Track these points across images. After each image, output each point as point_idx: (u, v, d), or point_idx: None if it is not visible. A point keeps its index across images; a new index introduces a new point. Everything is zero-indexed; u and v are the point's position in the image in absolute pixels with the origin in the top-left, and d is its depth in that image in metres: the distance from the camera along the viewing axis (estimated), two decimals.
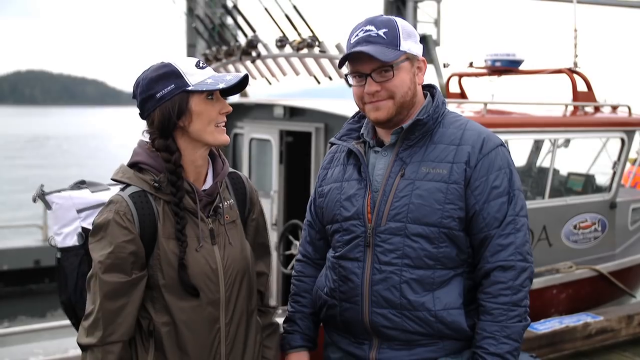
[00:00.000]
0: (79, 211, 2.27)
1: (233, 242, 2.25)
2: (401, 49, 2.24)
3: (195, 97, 2.11)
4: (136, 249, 2.10)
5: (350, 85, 2.38)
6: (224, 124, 2.19)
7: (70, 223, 2.28)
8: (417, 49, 2.30)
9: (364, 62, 2.23)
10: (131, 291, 2.10)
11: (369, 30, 2.26)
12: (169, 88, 2.11)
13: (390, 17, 2.32)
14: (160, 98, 2.12)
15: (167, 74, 2.12)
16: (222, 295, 2.20)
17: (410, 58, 2.28)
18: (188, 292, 2.13)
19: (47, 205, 2.31)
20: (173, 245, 2.13)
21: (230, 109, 2.20)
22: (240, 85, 2.19)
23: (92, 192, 2.31)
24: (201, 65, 2.16)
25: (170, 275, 2.13)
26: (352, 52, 2.24)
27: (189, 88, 2.10)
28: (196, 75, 2.12)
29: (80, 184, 2.35)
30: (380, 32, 2.24)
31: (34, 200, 2.32)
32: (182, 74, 2.11)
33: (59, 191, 2.31)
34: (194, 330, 2.16)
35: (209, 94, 2.13)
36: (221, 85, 2.11)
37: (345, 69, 2.43)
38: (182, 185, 2.14)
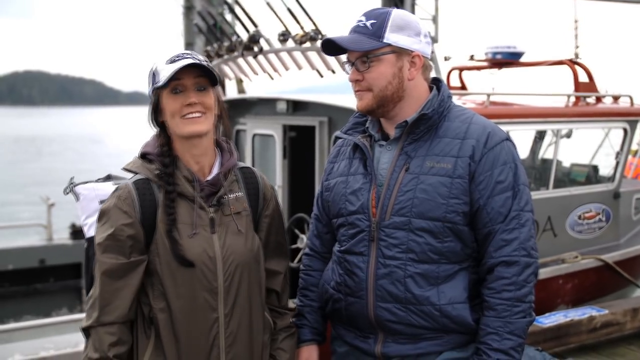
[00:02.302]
0: (102, 202, 2.33)
1: (237, 233, 2.26)
2: (384, 40, 2.23)
3: (163, 92, 2.21)
4: (134, 233, 2.16)
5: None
6: (194, 115, 2.19)
7: (94, 213, 2.35)
8: (409, 43, 2.26)
9: (351, 50, 2.27)
10: (129, 274, 2.15)
11: (359, 21, 2.29)
12: (150, 87, 2.25)
13: (389, 9, 2.30)
14: (150, 95, 2.27)
15: (151, 73, 2.25)
16: (220, 285, 2.21)
17: (398, 51, 2.25)
18: (182, 264, 2.16)
19: (76, 197, 2.41)
20: (165, 221, 2.18)
21: (193, 100, 2.19)
22: (206, 73, 2.20)
23: (114, 184, 2.36)
24: (174, 59, 2.19)
25: (166, 258, 2.17)
26: (324, 40, 2.30)
27: (157, 85, 2.20)
28: (163, 72, 2.18)
29: (107, 178, 2.46)
30: (368, 23, 2.25)
31: (65, 193, 2.43)
32: (156, 73, 2.21)
33: (85, 183, 2.43)
34: (188, 316, 2.18)
35: (174, 88, 2.18)
36: (160, 83, 2.17)
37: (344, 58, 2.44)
38: (166, 162, 2.21)
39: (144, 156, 2.28)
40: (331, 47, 2.30)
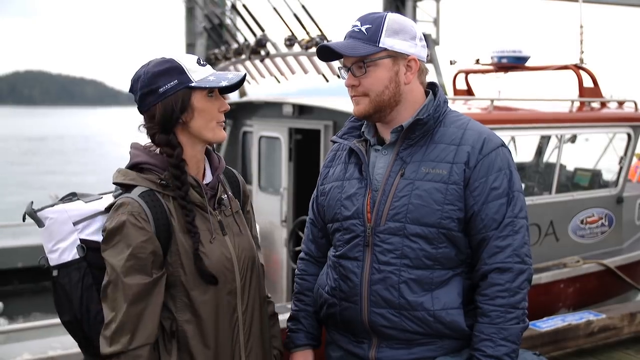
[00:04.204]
0: (75, 223, 2.21)
1: (241, 232, 2.29)
2: (380, 45, 2.22)
3: (197, 93, 2.13)
4: (154, 248, 2.10)
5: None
6: (223, 121, 2.20)
7: (67, 237, 2.20)
8: (405, 47, 2.26)
9: (347, 55, 2.26)
10: (153, 291, 2.09)
11: (355, 26, 2.28)
12: (172, 83, 2.11)
13: (384, 13, 2.30)
14: (163, 93, 2.12)
15: (170, 70, 2.13)
16: (238, 284, 2.23)
17: (394, 56, 2.25)
18: (208, 282, 2.14)
19: (39, 223, 2.21)
20: (189, 239, 2.14)
21: (228, 107, 2.21)
22: (239, 84, 2.21)
23: (86, 202, 2.26)
24: (201, 62, 2.18)
25: (191, 269, 2.13)
26: (320, 46, 2.30)
27: (192, 84, 2.12)
28: (198, 72, 2.13)
29: (72, 197, 2.30)
30: (363, 28, 2.25)
31: (24, 219, 2.21)
32: (185, 70, 2.12)
33: (51, 206, 2.24)
34: (216, 322, 2.17)
35: (210, 91, 2.14)
36: (224, 83, 2.12)
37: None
38: (186, 179, 2.15)
39: (135, 167, 2.19)
40: (327, 53, 2.31)
